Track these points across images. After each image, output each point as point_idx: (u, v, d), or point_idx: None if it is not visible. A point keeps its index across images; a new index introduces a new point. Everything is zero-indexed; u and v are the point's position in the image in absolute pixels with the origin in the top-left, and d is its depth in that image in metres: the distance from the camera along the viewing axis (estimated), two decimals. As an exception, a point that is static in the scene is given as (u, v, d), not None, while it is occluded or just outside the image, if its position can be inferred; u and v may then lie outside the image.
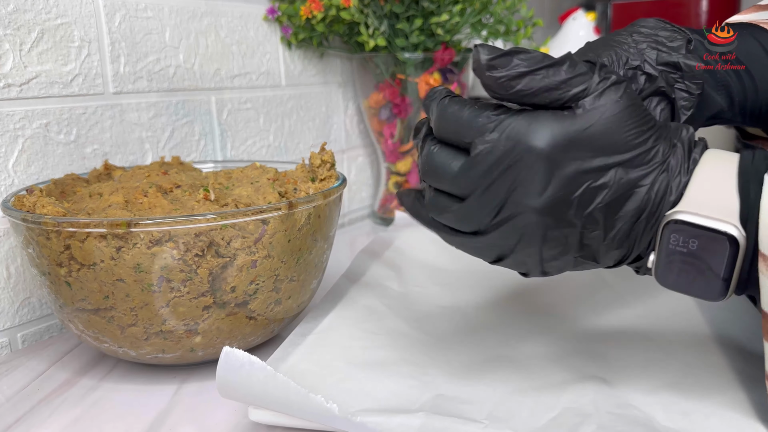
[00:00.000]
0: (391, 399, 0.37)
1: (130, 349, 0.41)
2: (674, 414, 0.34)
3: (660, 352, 0.42)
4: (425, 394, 0.37)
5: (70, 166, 0.54)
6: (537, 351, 0.43)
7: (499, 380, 0.39)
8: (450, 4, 0.73)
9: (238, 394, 0.34)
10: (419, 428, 0.33)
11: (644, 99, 0.39)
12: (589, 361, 0.41)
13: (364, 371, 0.40)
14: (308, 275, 0.45)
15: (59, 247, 0.39)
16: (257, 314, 0.42)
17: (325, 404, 0.32)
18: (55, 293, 0.41)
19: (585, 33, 0.97)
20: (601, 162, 0.29)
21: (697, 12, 1.18)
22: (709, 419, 0.34)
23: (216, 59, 0.68)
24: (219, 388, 0.33)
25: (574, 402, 0.36)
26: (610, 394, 0.36)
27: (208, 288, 0.39)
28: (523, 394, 0.37)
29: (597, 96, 0.29)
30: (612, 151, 0.29)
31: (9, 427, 0.37)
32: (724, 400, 0.35)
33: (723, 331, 0.44)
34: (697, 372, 0.39)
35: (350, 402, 0.36)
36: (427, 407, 0.36)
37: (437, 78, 0.78)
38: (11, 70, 0.50)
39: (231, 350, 0.32)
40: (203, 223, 0.38)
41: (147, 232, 0.37)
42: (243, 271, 0.40)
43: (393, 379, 0.39)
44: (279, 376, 0.32)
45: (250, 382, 0.33)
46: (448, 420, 0.34)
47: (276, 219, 0.40)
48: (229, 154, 0.70)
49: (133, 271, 0.38)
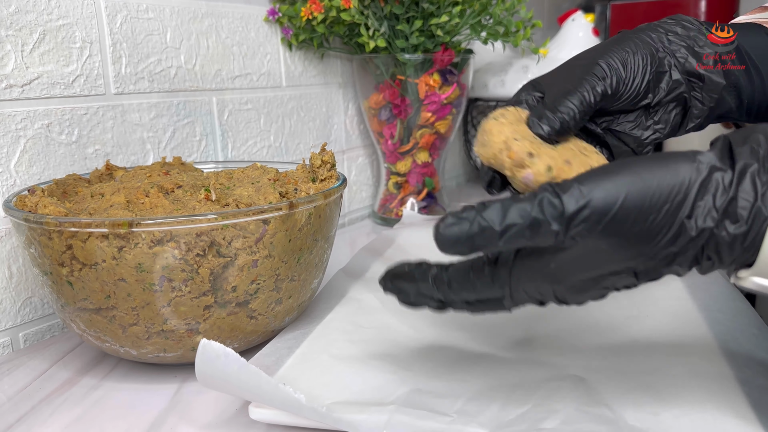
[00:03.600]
0: (367, 392, 0.38)
1: (131, 348, 0.42)
2: (645, 414, 0.34)
3: (642, 354, 0.42)
4: (401, 388, 0.38)
5: (71, 167, 0.55)
6: (521, 350, 0.43)
7: (477, 376, 0.39)
8: (450, 5, 0.73)
9: (216, 384, 0.35)
10: (386, 423, 0.33)
11: (663, 103, 0.39)
12: (571, 362, 0.41)
13: (346, 364, 0.41)
14: (309, 275, 0.46)
15: (61, 247, 0.39)
16: (258, 314, 0.43)
17: (293, 395, 0.33)
18: (56, 293, 0.41)
19: (584, 34, 0.97)
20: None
21: (696, 13, 1.18)
22: (678, 420, 0.34)
23: (217, 60, 0.68)
24: (198, 378, 0.34)
25: (545, 399, 0.36)
26: (584, 393, 0.36)
27: (210, 287, 0.40)
28: (497, 390, 0.37)
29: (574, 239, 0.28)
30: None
31: (10, 426, 0.38)
32: (697, 402, 0.35)
33: (712, 334, 0.44)
34: (676, 374, 0.39)
35: (326, 394, 0.37)
36: (400, 401, 0.36)
37: (437, 79, 0.78)
38: (13, 71, 0.50)
39: (208, 342, 0.33)
40: (204, 223, 0.38)
41: (148, 232, 0.37)
42: (244, 270, 0.40)
43: (373, 372, 0.40)
44: (251, 367, 0.33)
45: (226, 373, 0.34)
46: (416, 413, 0.34)
47: (277, 219, 0.41)
48: (230, 154, 0.70)
49: (135, 271, 0.38)
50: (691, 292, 0.51)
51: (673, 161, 0.27)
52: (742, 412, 0.34)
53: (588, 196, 0.27)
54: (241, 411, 0.38)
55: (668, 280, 0.53)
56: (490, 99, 1.00)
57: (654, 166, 0.27)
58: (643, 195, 0.27)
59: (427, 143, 0.82)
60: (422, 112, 0.80)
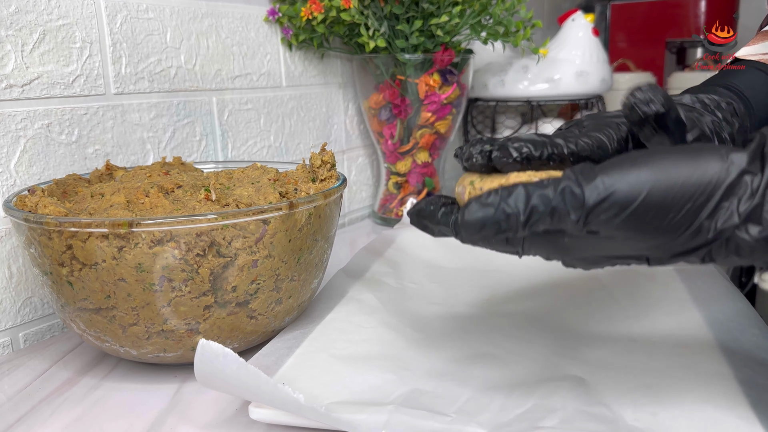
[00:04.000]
0: (366, 392, 0.38)
1: (131, 348, 0.42)
2: (644, 414, 0.34)
3: (643, 354, 0.41)
4: (401, 388, 0.38)
5: (71, 167, 0.55)
6: (521, 350, 0.43)
7: (477, 377, 0.39)
8: (449, 5, 0.73)
9: (215, 384, 0.35)
10: (386, 422, 0.33)
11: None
12: (571, 361, 0.41)
13: (345, 364, 0.41)
14: (309, 275, 0.46)
15: (61, 247, 0.39)
16: (258, 313, 0.43)
17: (292, 394, 0.33)
18: (56, 293, 0.41)
19: (584, 34, 0.97)
20: None
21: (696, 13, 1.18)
22: (677, 420, 0.34)
23: (217, 60, 0.68)
24: (198, 378, 0.34)
25: (544, 398, 0.36)
26: (584, 392, 0.37)
27: (210, 287, 0.40)
28: (497, 391, 0.37)
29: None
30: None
31: (11, 426, 0.38)
32: (697, 402, 0.35)
33: (712, 334, 0.44)
34: (676, 374, 0.39)
35: (325, 394, 0.37)
36: (399, 401, 0.36)
37: (437, 79, 0.78)
38: (13, 71, 0.50)
39: (207, 342, 0.33)
40: (204, 223, 0.38)
41: (148, 232, 0.37)
42: (244, 270, 0.40)
43: (373, 372, 0.40)
44: (250, 367, 0.33)
45: (225, 373, 0.34)
46: (415, 413, 0.34)
47: (277, 219, 0.41)
48: (230, 154, 0.70)
49: (135, 271, 0.38)
50: (691, 292, 0.51)
51: (704, 158, 0.27)
52: (742, 412, 0.34)
53: (610, 189, 0.27)
54: (241, 411, 0.38)
55: (668, 279, 0.54)
56: (490, 99, 1.00)
57: (682, 161, 0.27)
58: (666, 192, 0.27)
59: (427, 143, 0.82)
60: (422, 112, 0.80)
